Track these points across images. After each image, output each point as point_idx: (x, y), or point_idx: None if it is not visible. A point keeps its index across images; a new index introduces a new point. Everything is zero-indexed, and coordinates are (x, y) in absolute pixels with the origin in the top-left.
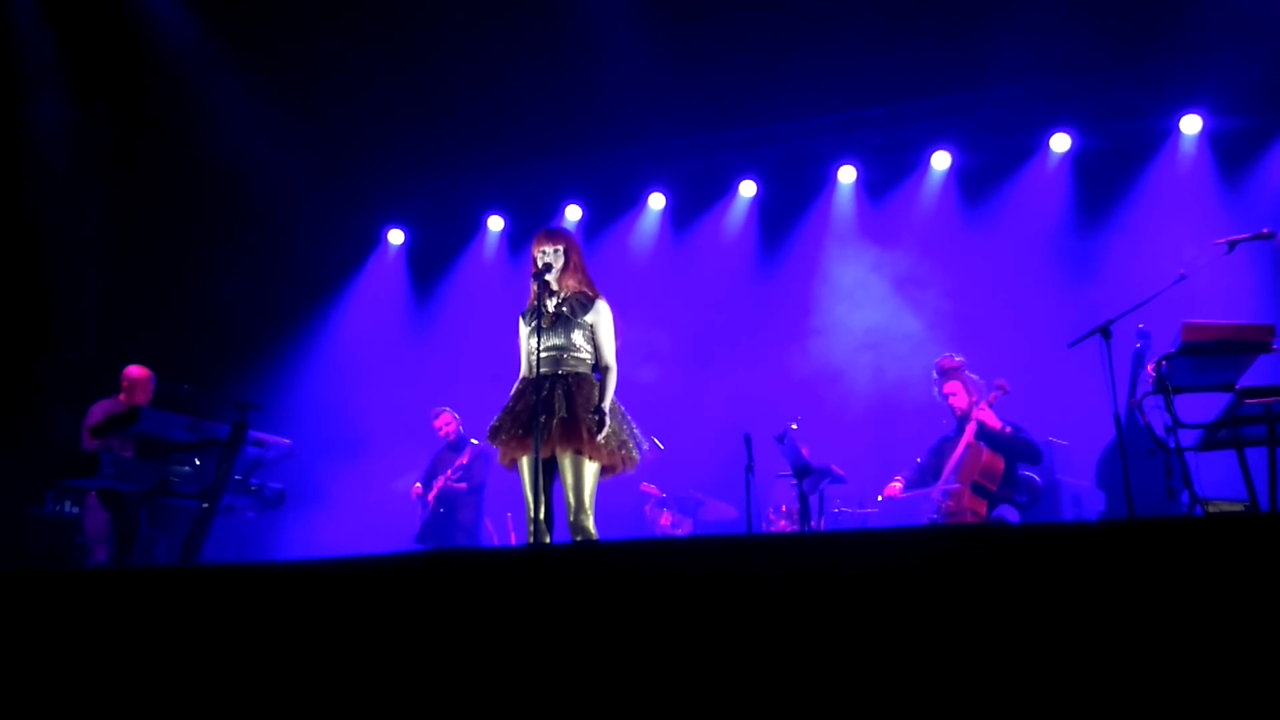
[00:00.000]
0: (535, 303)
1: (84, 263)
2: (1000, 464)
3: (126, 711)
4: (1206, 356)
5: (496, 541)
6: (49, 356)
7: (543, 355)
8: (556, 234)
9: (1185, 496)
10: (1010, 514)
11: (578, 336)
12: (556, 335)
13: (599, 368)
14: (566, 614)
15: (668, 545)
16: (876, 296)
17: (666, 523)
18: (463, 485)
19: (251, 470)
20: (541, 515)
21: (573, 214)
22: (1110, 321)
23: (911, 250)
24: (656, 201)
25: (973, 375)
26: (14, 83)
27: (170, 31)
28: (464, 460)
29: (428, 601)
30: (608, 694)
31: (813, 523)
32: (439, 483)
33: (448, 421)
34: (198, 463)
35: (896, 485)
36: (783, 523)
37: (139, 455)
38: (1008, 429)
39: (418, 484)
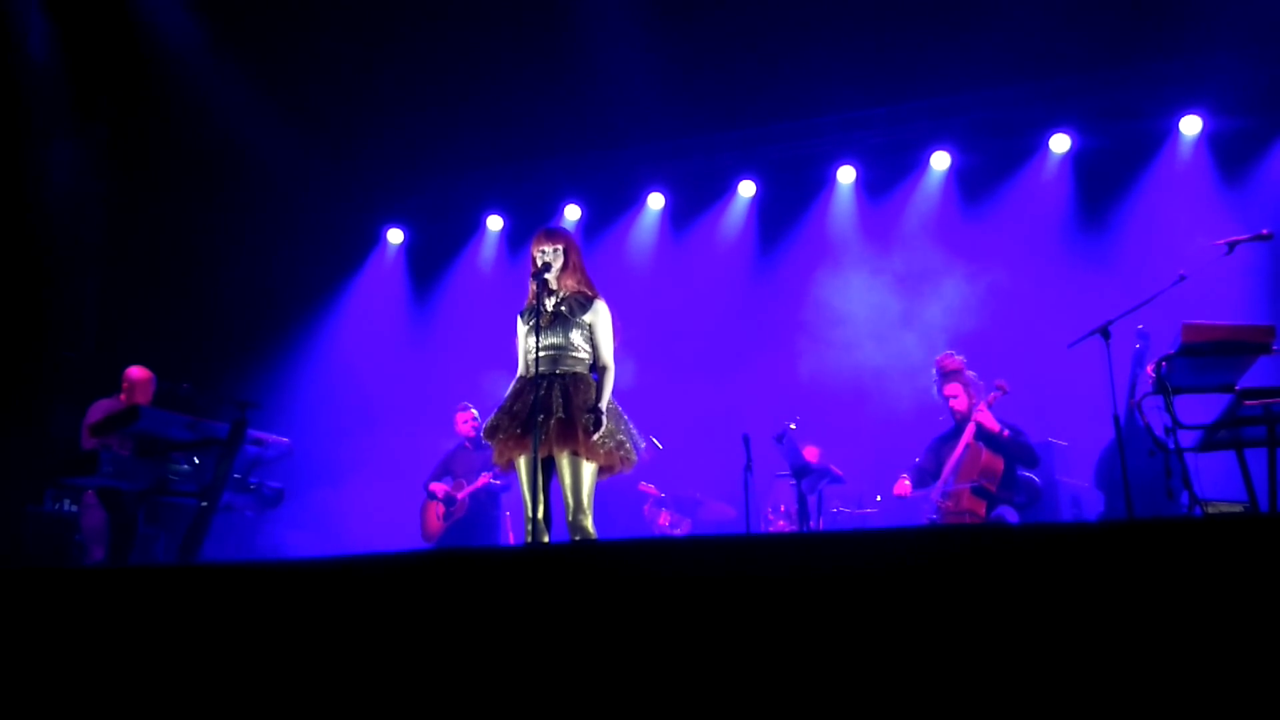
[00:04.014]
0: (534, 302)
1: (83, 261)
2: (999, 464)
3: (125, 711)
4: (1206, 357)
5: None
6: (48, 355)
7: (541, 355)
8: (556, 233)
9: (1185, 497)
10: (1009, 514)
11: (576, 336)
12: (555, 335)
13: (597, 368)
14: (565, 614)
15: (666, 545)
16: (875, 296)
17: (665, 522)
18: (500, 481)
19: (250, 469)
20: (540, 515)
21: (572, 214)
22: (1110, 322)
23: (911, 250)
24: (656, 201)
25: (972, 373)
26: (14, 80)
27: (170, 30)
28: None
29: (426, 601)
30: (607, 693)
31: (811, 523)
32: (481, 481)
33: (471, 418)
34: (197, 461)
35: (905, 483)
36: (781, 523)
37: (138, 454)
38: (1005, 431)
39: (440, 484)
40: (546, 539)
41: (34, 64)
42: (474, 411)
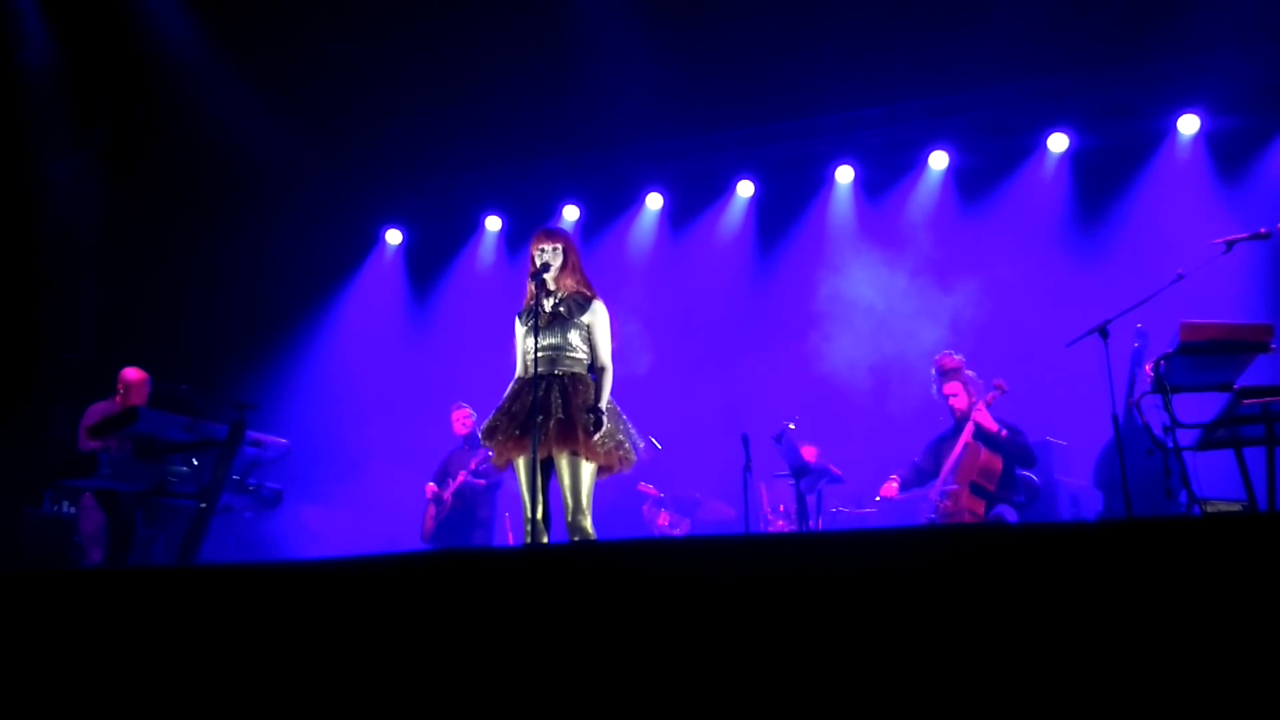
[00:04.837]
0: (532, 302)
1: (82, 263)
2: (998, 464)
3: (124, 712)
4: (1204, 356)
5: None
6: (47, 357)
7: (539, 355)
8: (555, 233)
9: (1183, 496)
10: (1008, 514)
11: (574, 336)
12: (553, 335)
13: (595, 368)
14: (565, 614)
15: (666, 545)
16: (874, 296)
17: (664, 522)
18: (482, 481)
19: (249, 470)
20: (539, 515)
21: (570, 214)
22: (1108, 321)
23: (909, 250)
24: (654, 202)
25: (971, 373)
26: (13, 83)
27: (168, 31)
28: (483, 456)
29: (426, 601)
30: (606, 694)
31: (810, 523)
32: (459, 479)
33: (464, 417)
34: (195, 463)
35: (893, 485)
36: (780, 522)
37: (137, 455)
38: (1003, 431)
39: (432, 484)
40: (546, 540)
41: (33, 67)
42: (468, 410)
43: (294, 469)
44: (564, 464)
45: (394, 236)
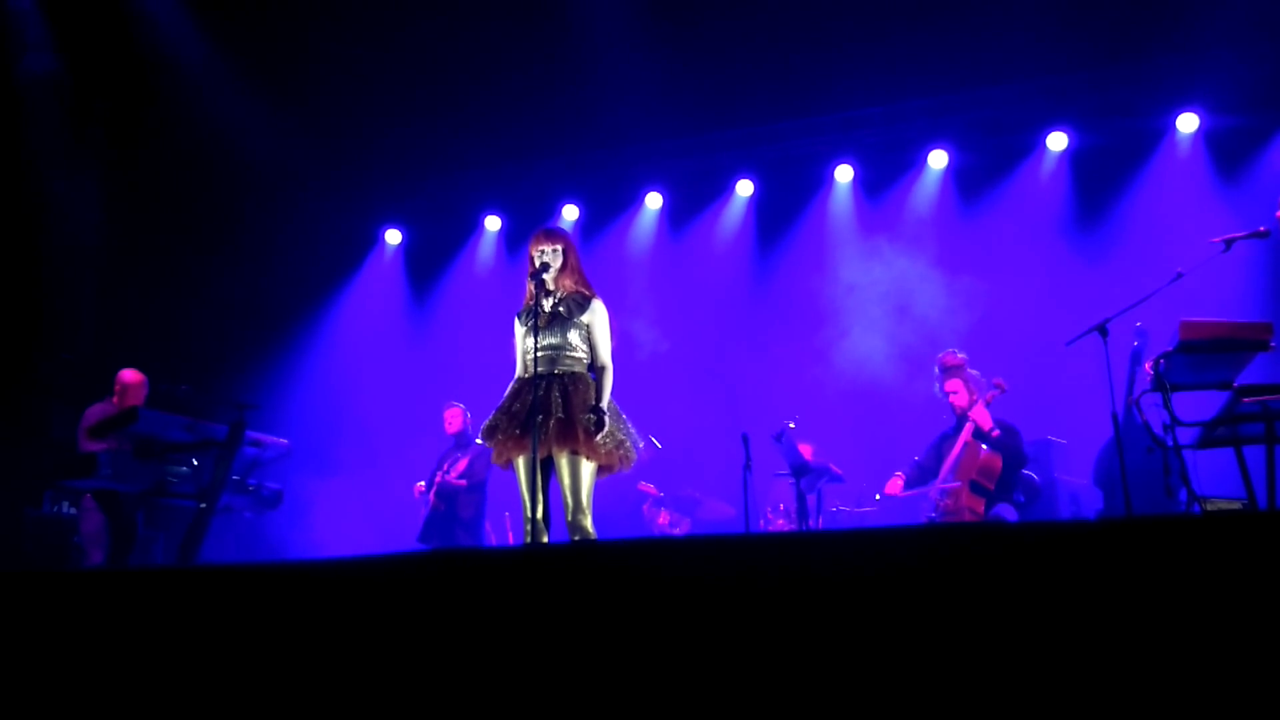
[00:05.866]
0: (532, 302)
1: (81, 263)
2: (997, 462)
3: (124, 712)
4: (1204, 354)
5: (495, 541)
6: (46, 357)
7: (539, 355)
8: (554, 233)
9: (1183, 494)
10: (1008, 512)
11: (574, 336)
12: (553, 335)
13: (595, 367)
14: (565, 614)
15: (666, 544)
16: (873, 295)
17: (664, 522)
18: (463, 482)
19: (249, 470)
20: (539, 515)
21: (570, 214)
22: (1108, 320)
23: (909, 249)
24: (654, 201)
25: (974, 372)
26: (12, 85)
27: (167, 31)
28: (466, 456)
29: (426, 601)
30: (606, 693)
31: (810, 522)
32: (439, 478)
33: (454, 416)
34: (195, 463)
35: (897, 482)
36: (780, 522)
37: (136, 456)
38: (996, 431)
39: (420, 483)
40: (546, 539)
41: (34, 71)
42: (459, 409)
43: (294, 469)
44: (564, 463)
45: (394, 236)
